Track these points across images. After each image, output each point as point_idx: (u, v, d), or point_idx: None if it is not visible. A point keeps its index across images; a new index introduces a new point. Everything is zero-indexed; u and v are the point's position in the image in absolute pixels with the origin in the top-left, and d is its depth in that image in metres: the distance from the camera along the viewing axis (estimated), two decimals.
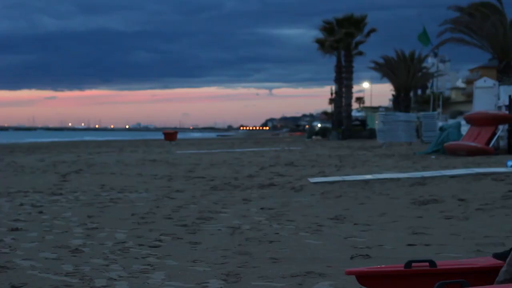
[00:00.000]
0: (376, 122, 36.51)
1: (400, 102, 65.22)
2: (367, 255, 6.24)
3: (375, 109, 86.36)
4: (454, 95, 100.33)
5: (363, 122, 67.13)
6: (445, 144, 22.09)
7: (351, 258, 6.15)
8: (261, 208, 9.88)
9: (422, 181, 12.72)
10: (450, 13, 36.04)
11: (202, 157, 24.72)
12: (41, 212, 9.51)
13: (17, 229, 7.95)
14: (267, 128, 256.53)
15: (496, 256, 4.48)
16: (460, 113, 55.97)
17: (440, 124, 32.33)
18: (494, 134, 22.35)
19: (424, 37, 45.04)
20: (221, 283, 5.25)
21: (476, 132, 22.55)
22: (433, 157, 21.10)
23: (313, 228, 7.98)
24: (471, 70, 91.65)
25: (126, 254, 6.47)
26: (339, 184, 12.83)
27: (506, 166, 15.26)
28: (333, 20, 57.60)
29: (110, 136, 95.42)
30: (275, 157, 24.10)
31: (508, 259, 4.04)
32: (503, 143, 23.32)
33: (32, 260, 6.17)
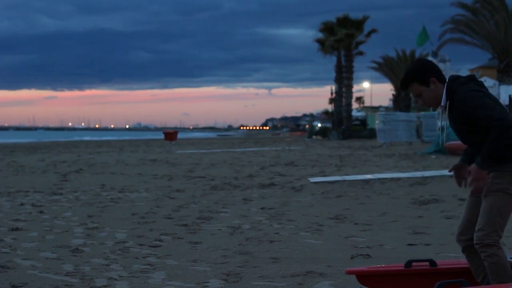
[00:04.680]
0: (377, 122, 36.50)
1: (400, 101, 65.17)
2: (367, 254, 6.24)
3: (375, 109, 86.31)
4: None
5: (363, 122, 67.10)
6: (446, 144, 22.09)
7: (352, 257, 6.15)
8: (262, 208, 9.87)
9: (423, 180, 12.72)
10: (451, 11, 36.03)
11: (202, 157, 24.72)
12: (41, 212, 9.51)
13: (17, 229, 7.95)
14: (268, 128, 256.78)
15: None
16: None
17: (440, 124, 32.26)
18: None
19: (423, 35, 44.84)
20: (221, 282, 5.25)
21: None
22: (434, 157, 21.10)
23: (313, 228, 7.98)
24: (471, 70, 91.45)
25: (126, 254, 6.47)
26: (340, 184, 12.84)
27: None
28: (333, 20, 57.55)
29: (110, 136, 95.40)
30: (276, 157, 24.11)
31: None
32: None
33: (32, 260, 6.17)
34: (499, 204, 4.07)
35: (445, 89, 4.16)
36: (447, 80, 4.20)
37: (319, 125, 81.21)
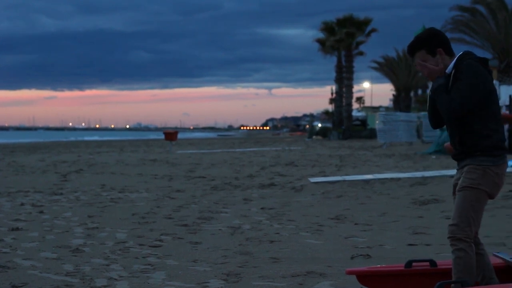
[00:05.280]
0: (377, 122, 36.49)
1: (400, 102, 65.21)
2: (367, 255, 6.24)
3: (375, 109, 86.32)
4: None
5: (363, 122, 67.11)
6: (446, 144, 22.08)
7: (352, 258, 6.14)
8: (262, 208, 9.87)
9: (423, 181, 12.71)
10: (451, 12, 36.01)
11: (203, 157, 24.72)
12: (41, 212, 9.51)
13: (17, 229, 7.95)
14: (268, 128, 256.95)
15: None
16: None
17: None
18: None
19: None
20: (221, 283, 5.25)
21: None
22: (434, 157, 21.10)
23: (313, 228, 7.98)
24: None
25: (126, 254, 6.47)
26: (340, 184, 12.83)
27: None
28: (333, 20, 57.57)
29: (110, 136, 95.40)
30: (276, 157, 24.11)
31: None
32: None
33: (32, 260, 6.17)
34: (472, 199, 4.13)
35: (455, 58, 4.16)
36: (461, 53, 4.19)
37: (319, 125, 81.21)
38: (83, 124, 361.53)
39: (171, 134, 33.98)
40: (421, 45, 4.18)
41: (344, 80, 59.15)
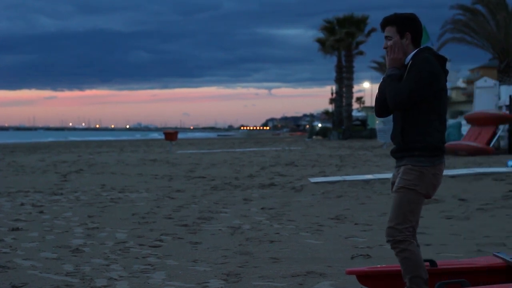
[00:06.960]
0: (377, 122, 36.47)
1: None
2: (367, 255, 6.24)
3: None
4: (454, 95, 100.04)
5: (363, 122, 67.05)
6: (446, 144, 22.08)
7: (352, 258, 6.14)
8: (262, 208, 9.87)
9: None
10: (451, 12, 36.00)
11: (203, 157, 24.72)
12: (41, 212, 9.51)
13: (17, 229, 7.95)
14: (268, 128, 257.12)
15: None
16: (461, 113, 55.96)
17: None
18: (494, 134, 22.36)
19: (423, 35, 44.82)
20: (221, 283, 5.25)
21: (476, 132, 22.56)
22: None
23: (313, 228, 7.98)
24: (472, 70, 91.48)
25: (126, 254, 6.47)
26: (340, 184, 12.83)
27: (506, 165, 15.28)
28: (333, 20, 57.53)
29: (110, 136, 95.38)
30: (276, 157, 24.11)
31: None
32: (503, 143, 23.34)
33: (32, 260, 6.17)
34: (408, 200, 4.10)
35: (415, 51, 4.17)
36: (421, 47, 4.20)
37: (319, 125, 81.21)
38: (83, 124, 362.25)
39: (171, 134, 33.97)
40: (395, 22, 4.21)
41: (344, 80, 59.11)
